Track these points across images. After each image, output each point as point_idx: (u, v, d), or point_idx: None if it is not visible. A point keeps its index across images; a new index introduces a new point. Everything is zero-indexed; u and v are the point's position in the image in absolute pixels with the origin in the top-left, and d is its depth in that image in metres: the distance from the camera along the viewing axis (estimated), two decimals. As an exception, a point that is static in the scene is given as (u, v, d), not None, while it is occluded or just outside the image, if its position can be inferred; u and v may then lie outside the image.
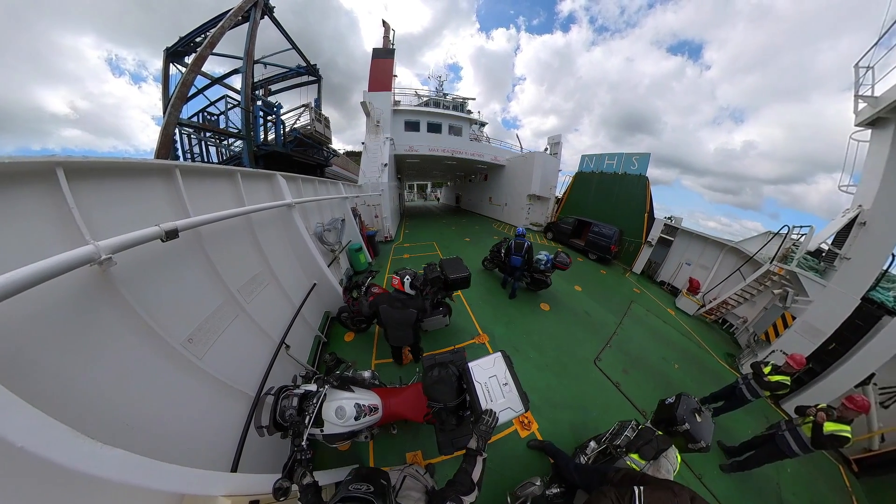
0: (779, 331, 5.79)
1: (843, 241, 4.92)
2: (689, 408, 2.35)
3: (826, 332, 4.88)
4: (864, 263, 4.69)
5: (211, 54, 9.71)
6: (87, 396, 1.42)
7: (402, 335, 3.17)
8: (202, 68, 9.67)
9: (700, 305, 8.00)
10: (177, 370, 1.92)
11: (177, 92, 8.85)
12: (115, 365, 1.59)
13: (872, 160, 4.68)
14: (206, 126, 11.67)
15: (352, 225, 7.54)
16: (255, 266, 3.25)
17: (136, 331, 1.73)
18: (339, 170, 21.50)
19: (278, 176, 4.32)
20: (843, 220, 4.93)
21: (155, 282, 1.95)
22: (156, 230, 1.75)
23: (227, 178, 3.23)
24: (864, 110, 4.69)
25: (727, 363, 6.01)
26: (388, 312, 3.05)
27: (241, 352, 2.59)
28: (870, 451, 4.33)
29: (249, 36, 10.62)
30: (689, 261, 9.57)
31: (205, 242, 2.46)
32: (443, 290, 4.32)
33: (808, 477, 3.85)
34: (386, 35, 17.27)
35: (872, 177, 4.59)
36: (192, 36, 11.16)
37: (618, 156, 12.92)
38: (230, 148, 12.67)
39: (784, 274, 6.09)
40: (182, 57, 11.69)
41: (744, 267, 7.60)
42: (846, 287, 4.81)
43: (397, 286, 3.23)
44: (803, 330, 5.17)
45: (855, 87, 4.73)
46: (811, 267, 5.72)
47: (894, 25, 3.93)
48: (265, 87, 14.67)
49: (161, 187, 2.28)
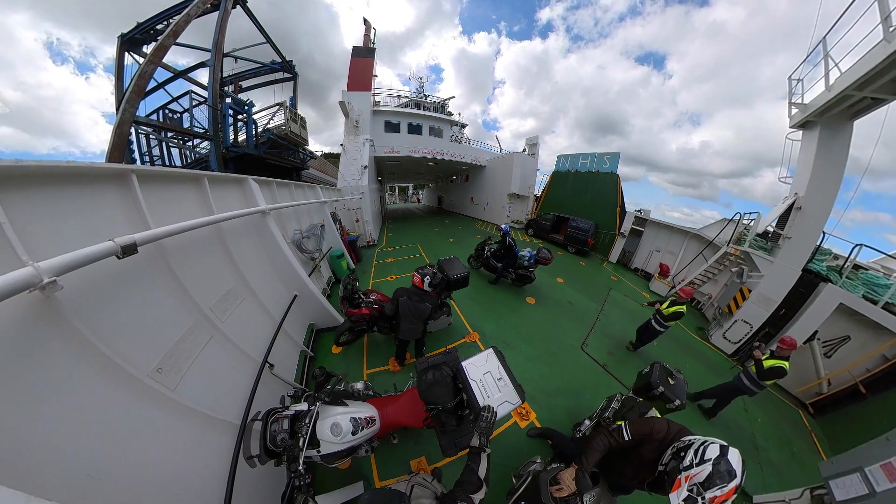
0: (738, 303, 6.53)
1: (785, 223, 5.73)
2: (663, 373, 2.59)
3: (776, 301, 5.68)
4: (802, 241, 5.50)
5: (174, 44, 8.76)
6: (38, 447, 1.20)
7: (414, 328, 3.36)
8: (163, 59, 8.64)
9: (671, 287, 8.83)
10: (147, 405, 1.69)
11: (133, 85, 7.86)
12: (70, 407, 1.36)
13: (804, 156, 5.51)
14: (167, 125, 10.56)
15: (332, 231, 7.24)
16: (228, 280, 2.97)
17: (92, 365, 1.50)
18: (316, 173, 20.70)
19: (250, 180, 4.01)
20: (783, 206, 5.75)
21: (112, 306, 1.71)
22: (110, 245, 1.51)
23: (192, 184, 2.93)
24: (796, 115, 5.45)
25: (698, 335, 6.76)
26: (407, 304, 3.30)
27: (219, 377, 2.35)
28: (820, 394, 5.14)
29: (219, 26, 9.74)
30: (659, 248, 10.49)
31: (169, 257, 2.20)
32: (445, 291, 4.36)
33: (775, 424, 4.48)
34: (367, 33, 16.82)
35: (805, 169, 5.40)
36: (153, 22, 9.95)
37: (591, 155, 13.86)
38: (195, 150, 11.58)
39: (739, 254, 6.94)
40: (140, 45, 10.38)
41: (705, 250, 8.67)
42: (789, 261, 5.61)
43: (417, 283, 3.44)
44: (758, 300, 5.90)
45: (789, 95, 5.50)
46: (760, 247, 6.50)
47: (819, 45, 4.71)
48: (235, 83, 13.56)
49: (115, 195, 2.00)
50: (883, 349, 4.79)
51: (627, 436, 1.68)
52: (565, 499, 1.52)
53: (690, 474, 1.29)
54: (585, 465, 1.63)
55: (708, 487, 1.22)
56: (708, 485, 1.23)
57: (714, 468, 1.24)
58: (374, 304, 4.03)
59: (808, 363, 5.47)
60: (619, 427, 1.73)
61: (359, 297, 4.12)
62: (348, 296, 4.04)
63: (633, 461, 1.68)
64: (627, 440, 1.68)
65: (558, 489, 1.55)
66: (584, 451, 1.70)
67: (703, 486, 1.23)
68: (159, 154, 10.91)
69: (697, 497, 1.23)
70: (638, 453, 1.65)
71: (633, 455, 1.68)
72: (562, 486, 1.55)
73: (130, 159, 9.26)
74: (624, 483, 1.82)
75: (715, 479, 1.22)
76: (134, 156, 9.71)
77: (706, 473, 1.25)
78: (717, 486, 1.21)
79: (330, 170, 24.38)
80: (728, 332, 6.16)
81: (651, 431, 1.63)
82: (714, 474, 1.23)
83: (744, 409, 4.56)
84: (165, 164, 10.95)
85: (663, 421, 1.67)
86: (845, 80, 4.37)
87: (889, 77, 3.96)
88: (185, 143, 11.42)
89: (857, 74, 4.14)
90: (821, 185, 5.20)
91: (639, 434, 1.66)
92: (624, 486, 1.89)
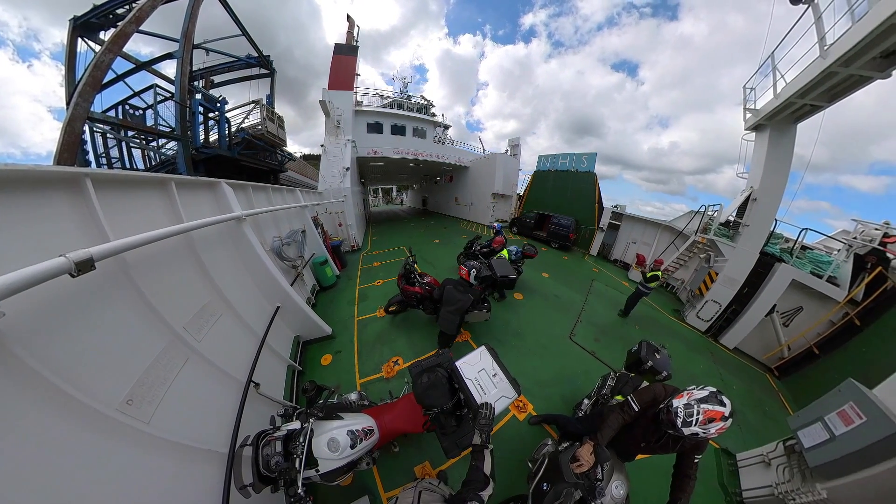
0: (708, 285, 7.21)
1: (743, 213, 6.44)
2: (650, 350, 2.87)
3: (740, 281, 6.39)
4: (758, 228, 6.21)
5: (137, 32, 7.84)
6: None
7: (451, 319, 3.57)
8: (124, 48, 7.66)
9: None
10: (118, 444, 1.49)
11: (87, 77, 6.88)
12: (24, 457, 1.16)
13: (757, 154, 6.26)
14: (127, 123, 9.52)
15: (314, 236, 6.95)
16: (202, 295, 2.72)
17: (48, 404, 1.29)
18: (295, 175, 19.91)
19: (223, 184, 3.73)
20: (741, 199, 6.48)
21: (67, 332, 1.49)
22: (61, 262, 1.29)
23: (157, 189, 2.66)
24: (749, 119, 6.19)
25: (675, 317, 7.44)
26: (452, 293, 3.61)
27: (200, 403, 2.15)
28: (783, 359, 5.87)
29: (189, 14, 8.88)
30: (635, 240, 11.27)
31: (133, 272, 1.96)
32: (490, 288, 4.67)
33: (748, 389, 5.05)
34: (350, 30, 16.31)
35: (758, 166, 6.14)
36: (113, 5, 8.72)
37: (570, 155, 14.43)
38: (161, 151, 10.63)
39: (706, 242, 7.76)
40: (96, 31, 9.07)
41: (676, 240, 9.55)
42: (749, 246, 6.32)
43: (464, 275, 3.81)
44: (724, 281, 6.59)
45: (744, 102, 6.22)
46: (724, 234, 7.22)
47: (768, 59, 5.47)
48: (206, 78, 12.41)
49: (66, 204, 1.76)
50: (829, 315, 5.67)
51: (637, 407, 1.85)
52: (585, 472, 1.65)
53: (691, 391, 1.58)
54: (601, 440, 1.75)
55: (703, 402, 1.51)
56: (704, 401, 1.52)
57: (710, 393, 1.55)
58: (426, 286, 4.53)
59: (770, 333, 6.20)
60: (628, 400, 1.89)
61: (415, 276, 4.67)
62: (406, 274, 4.66)
63: (641, 427, 1.87)
64: (637, 410, 1.85)
65: (578, 465, 1.66)
66: (600, 428, 1.82)
67: (699, 401, 1.52)
68: (118, 155, 9.92)
69: (695, 407, 1.51)
70: (645, 418, 1.84)
71: (640, 422, 1.87)
72: (582, 462, 1.66)
73: (84, 161, 8.39)
74: (633, 450, 2.01)
75: (709, 399, 1.52)
76: (88, 157, 8.79)
77: (703, 394, 1.55)
78: (711, 402, 1.50)
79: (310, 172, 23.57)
80: (701, 311, 6.87)
81: (655, 396, 1.84)
82: (710, 396, 1.53)
83: (720, 380, 5.11)
84: (126, 166, 10.00)
85: (659, 385, 1.91)
86: (789, 89, 5.02)
87: (824, 87, 4.63)
88: (149, 144, 10.44)
89: (798, 85, 4.79)
90: (772, 179, 5.93)
91: (645, 402, 1.85)
92: (631, 452, 2.06)
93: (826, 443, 2.30)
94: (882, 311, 5.07)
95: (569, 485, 1.60)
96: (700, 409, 1.50)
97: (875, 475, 2.03)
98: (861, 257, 5.94)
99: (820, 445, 2.34)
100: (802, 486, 2.45)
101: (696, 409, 1.50)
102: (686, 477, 1.68)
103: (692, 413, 1.50)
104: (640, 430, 1.87)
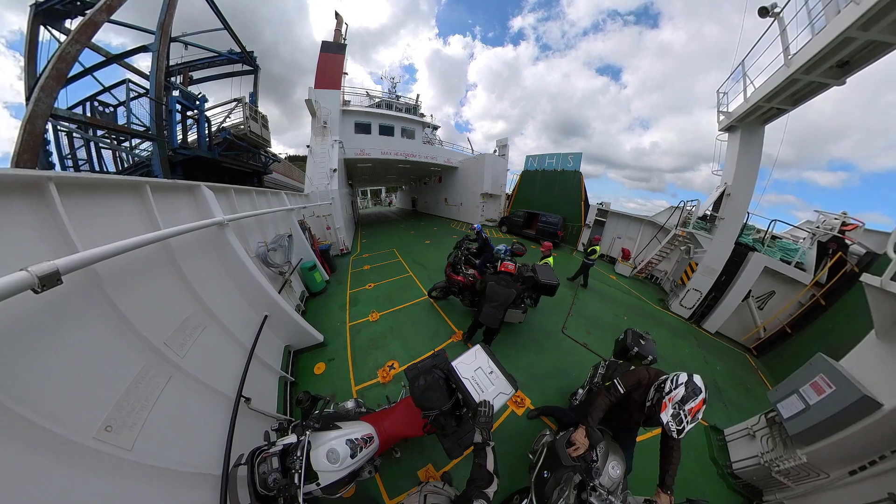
0: (689, 275, 7.67)
1: (718, 207, 6.91)
2: (635, 337, 3.02)
3: (717, 270, 6.86)
4: (732, 220, 6.70)
5: (108, 21, 7.05)
6: None
7: (495, 314, 3.62)
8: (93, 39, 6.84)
9: (633, 268, 10.16)
10: (98, 476, 1.36)
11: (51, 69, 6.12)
12: None
13: (730, 153, 6.76)
14: (96, 121, 8.71)
15: (301, 241, 6.75)
16: (184, 307, 2.56)
17: (14, 437, 1.16)
18: (281, 178, 19.30)
19: (203, 187, 3.51)
20: (716, 194, 6.94)
21: (31, 356, 1.34)
22: (23, 277, 1.16)
23: (130, 193, 2.47)
24: (723, 120, 6.68)
25: (660, 306, 7.84)
26: (495, 288, 3.63)
27: (187, 423, 2.01)
28: (760, 339, 6.37)
29: (167, 4, 8.31)
30: (620, 235, 11.84)
31: (106, 285, 1.81)
32: (529, 290, 4.71)
33: (730, 370, 5.38)
34: (338, 28, 15.92)
35: (731, 164, 6.64)
36: None
37: (556, 155, 14.89)
38: (134, 152, 9.89)
39: (685, 235, 8.18)
40: (61, 19, 8.25)
41: (658, 234, 10.17)
42: (724, 237, 6.81)
43: (511, 270, 3.81)
44: (704, 271, 7.05)
45: (717, 105, 6.72)
46: (702, 227, 7.73)
47: (739, 66, 5.83)
48: (185, 74, 11.66)
49: (26, 211, 1.60)
50: (798, 297, 6.28)
51: (622, 389, 2.00)
52: (581, 455, 1.75)
53: (671, 396, 1.69)
54: (592, 423, 1.86)
55: (685, 402, 1.63)
56: (684, 400, 1.63)
57: (686, 389, 1.66)
58: (469, 277, 4.91)
59: (748, 316, 6.73)
60: (614, 383, 2.03)
61: (461, 267, 5.20)
62: (454, 263, 5.18)
63: (628, 407, 2.05)
64: (622, 392, 2.00)
65: (574, 449, 1.75)
66: (589, 412, 1.93)
67: (681, 403, 1.64)
68: (86, 157, 9.23)
69: (679, 411, 1.63)
70: (631, 399, 2.01)
71: (627, 402, 2.04)
72: (577, 446, 1.76)
73: (47, 163, 7.79)
74: (623, 427, 2.19)
75: (688, 396, 1.64)
76: (52, 159, 8.16)
77: (681, 393, 1.66)
78: (691, 399, 1.63)
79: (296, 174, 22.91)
80: (683, 300, 7.33)
81: (639, 379, 1.99)
82: (687, 394, 1.65)
83: (704, 363, 5.43)
84: (95, 169, 9.34)
85: (643, 369, 2.05)
86: (758, 94, 5.47)
87: (788, 93, 5.11)
88: (121, 144, 9.71)
89: (766, 90, 5.22)
90: (744, 175, 6.44)
91: (630, 384, 2.00)
92: (624, 429, 2.21)
93: (802, 412, 2.50)
94: (843, 291, 5.64)
95: (567, 469, 1.65)
96: (685, 411, 1.62)
97: (846, 437, 2.24)
98: (824, 244, 6.52)
99: (797, 415, 2.54)
100: (785, 453, 2.65)
101: (683, 414, 1.62)
102: (670, 449, 1.82)
103: (681, 420, 1.62)
104: (628, 410, 2.06)
